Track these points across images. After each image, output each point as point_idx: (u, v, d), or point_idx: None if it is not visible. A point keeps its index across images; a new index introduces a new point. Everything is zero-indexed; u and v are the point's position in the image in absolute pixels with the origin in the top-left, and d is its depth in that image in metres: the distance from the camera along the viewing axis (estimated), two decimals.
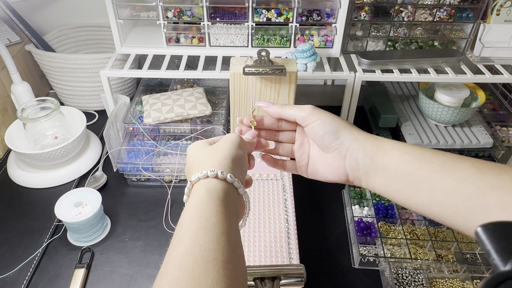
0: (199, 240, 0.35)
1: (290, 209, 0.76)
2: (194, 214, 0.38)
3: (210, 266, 0.33)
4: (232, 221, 0.39)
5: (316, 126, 0.45)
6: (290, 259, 0.68)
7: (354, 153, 0.44)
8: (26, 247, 0.75)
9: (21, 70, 0.99)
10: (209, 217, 0.37)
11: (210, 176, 0.40)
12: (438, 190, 0.38)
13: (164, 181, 0.89)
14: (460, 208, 0.36)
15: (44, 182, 0.88)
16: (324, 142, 0.45)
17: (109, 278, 0.71)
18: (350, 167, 0.44)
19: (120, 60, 0.98)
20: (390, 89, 1.13)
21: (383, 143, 0.43)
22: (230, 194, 0.41)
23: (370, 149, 0.43)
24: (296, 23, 0.90)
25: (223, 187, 0.40)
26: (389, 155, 0.42)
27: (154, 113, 0.91)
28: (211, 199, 0.38)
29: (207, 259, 0.33)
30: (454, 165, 0.38)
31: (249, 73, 0.75)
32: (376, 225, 0.77)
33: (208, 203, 0.38)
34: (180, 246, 0.35)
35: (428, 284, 0.67)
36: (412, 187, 0.40)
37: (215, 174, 0.40)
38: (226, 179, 0.41)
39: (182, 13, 0.90)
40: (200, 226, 0.36)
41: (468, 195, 0.36)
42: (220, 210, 0.38)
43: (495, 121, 1.04)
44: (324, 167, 0.47)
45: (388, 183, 0.42)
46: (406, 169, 0.40)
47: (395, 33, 0.95)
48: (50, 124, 0.91)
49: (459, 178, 0.37)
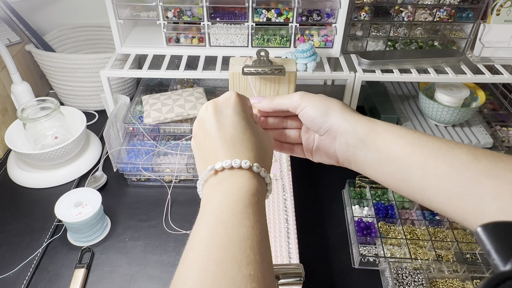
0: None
1: (290, 209, 0.76)
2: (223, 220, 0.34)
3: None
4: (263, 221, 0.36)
5: (306, 112, 0.44)
6: (290, 259, 0.68)
7: (344, 135, 0.43)
8: (26, 247, 0.75)
9: (21, 70, 0.99)
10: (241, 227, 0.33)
11: (235, 167, 0.36)
12: (431, 176, 0.37)
13: (164, 181, 0.89)
14: (453, 195, 0.36)
15: (44, 182, 0.88)
16: (315, 126, 0.45)
17: (109, 278, 0.71)
18: (340, 148, 0.44)
19: (120, 60, 0.98)
20: (390, 89, 1.13)
21: (376, 125, 0.42)
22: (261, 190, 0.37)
23: (361, 131, 0.42)
24: (296, 23, 0.90)
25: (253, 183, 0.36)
26: (382, 138, 0.41)
27: (154, 113, 0.91)
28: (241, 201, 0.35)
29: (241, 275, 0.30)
30: (449, 151, 0.37)
31: (248, 73, 0.75)
32: (376, 225, 0.77)
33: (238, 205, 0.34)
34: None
35: (428, 284, 0.67)
36: (405, 172, 0.39)
37: (239, 165, 0.36)
38: (260, 174, 0.37)
39: (182, 13, 0.90)
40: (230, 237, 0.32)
41: (461, 181, 0.35)
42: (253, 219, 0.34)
43: (495, 121, 1.04)
44: (321, 148, 0.47)
45: (379, 167, 0.41)
46: (399, 153, 0.39)
47: (395, 33, 0.95)
48: (50, 124, 0.91)
49: (453, 164, 0.36)
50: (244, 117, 0.41)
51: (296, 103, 0.45)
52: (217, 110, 0.40)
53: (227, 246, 0.31)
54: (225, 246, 0.31)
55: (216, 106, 0.41)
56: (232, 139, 0.38)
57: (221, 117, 0.40)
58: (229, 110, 0.40)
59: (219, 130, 0.39)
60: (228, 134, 0.39)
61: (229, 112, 0.40)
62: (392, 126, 0.42)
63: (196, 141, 0.42)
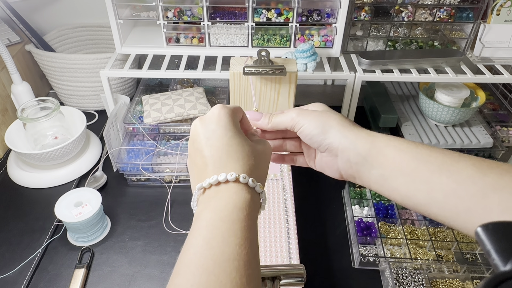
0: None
1: (290, 209, 0.76)
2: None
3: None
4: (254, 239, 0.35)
5: (304, 130, 0.43)
6: (290, 259, 0.68)
7: (345, 152, 0.42)
8: (26, 247, 0.75)
9: (21, 70, 0.99)
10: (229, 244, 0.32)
11: (230, 180, 0.36)
12: (437, 191, 0.37)
13: (164, 181, 0.89)
14: (460, 210, 0.35)
15: (44, 182, 0.88)
16: (314, 144, 0.44)
17: (109, 278, 0.71)
18: (343, 165, 0.43)
19: (120, 60, 0.98)
20: (390, 89, 1.13)
21: (376, 139, 0.41)
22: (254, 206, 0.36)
23: (362, 147, 0.41)
24: (296, 23, 0.90)
25: (247, 198, 0.35)
26: (384, 154, 0.40)
27: (154, 113, 0.91)
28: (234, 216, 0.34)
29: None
30: (453, 165, 0.36)
31: (249, 73, 0.75)
32: (376, 225, 0.77)
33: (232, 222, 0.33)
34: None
35: (428, 284, 0.67)
36: (410, 187, 0.38)
37: (234, 178, 0.35)
38: (248, 184, 0.36)
39: (182, 13, 0.90)
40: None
41: (468, 196, 0.35)
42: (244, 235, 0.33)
43: (495, 121, 1.04)
44: (324, 163, 0.46)
45: (383, 182, 0.40)
46: (403, 169, 0.38)
47: (395, 33, 0.95)
48: (50, 124, 0.91)
49: (459, 179, 0.36)
50: (230, 128, 0.39)
51: (293, 121, 0.44)
52: (203, 126, 0.39)
53: (212, 269, 0.30)
54: (209, 269, 0.30)
55: (202, 122, 0.40)
56: (218, 152, 0.37)
57: (207, 132, 0.39)
58: (214, 124, 0.39)
59: (205, 146, 0.38)
60: (214, 148, 0.38)
61: (214, 126, 0.39)
62: (393, 139, 0.41)
63: (190, 160, 0.41)
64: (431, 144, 0.93)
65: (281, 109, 0.83)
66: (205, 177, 0.37)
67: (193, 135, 0.40)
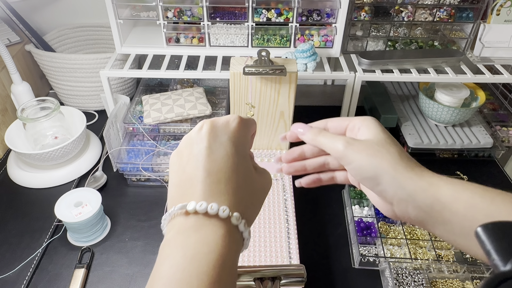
0: None
1: (290, 209, 0.76)
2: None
3: None
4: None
5: (352, 170, 0.38)
6: (290, 259, 0.68)
7: (402, 204, 0.37)
8: (26, 247, 0.75)
9: (21, 70, 0.99)
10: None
11: (200, 212, 0.30)
12: None
13: (164, 181, 0.89)
14: None
15: (44, 182, 0.88)
16: (365, 186, 0.39)
17: (109, 278, 0.71)
18: (401, 213, 0.38)
19: (120, 60, 0.98)
20: (390, 89, 1.13)
21: (439, 192, 0.35)
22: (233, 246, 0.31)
23: (422, 201, 0.35)
24: (296, 23, 0.90)
25: (222, 234, 0.30)
26: (451, 211, 0.34)
27: (154, 113, 0.91)
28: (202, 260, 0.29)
29: None
30: None
31: (249, 73, 0.75)
32: (376, 225, 0.77)
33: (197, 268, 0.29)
34: None
35: (428, 284, 0.67)
36: None
37: (216, 211, 0.30)
38: (239, 228, 0.31)
39: (182, 13, 0.90)
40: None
41: None
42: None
43: (495, 121, 1.04)
44: (376, 202, 0.41)
45: (451, 237, 0.35)
46: (474, 225, 0.33)
47: (395, 33, 0.95)
48: (50, 124, 0.91)
49: None
50: (240, 151, 0.34)
51: (339, 154, 0.38)
52: (212, 133, 0.34)
53: None
54: None
55: (212, 128, 0.34)
56: (218, 173, 0.32)
57: (214, 143, 0.33)
58: (225, 137, 0.34)
59: (207, 158, 0.32)
60: (215, 166, 0.32)
61: (225, 140, 0.34)
62: (461, 191, 0.35)
63: (178, 158, 0.35)
64: (431, 144, 0.93)
65: (281, 109, 0.83)
66: (192, 195, 0.31)
67: (195, 137, 0.35)
